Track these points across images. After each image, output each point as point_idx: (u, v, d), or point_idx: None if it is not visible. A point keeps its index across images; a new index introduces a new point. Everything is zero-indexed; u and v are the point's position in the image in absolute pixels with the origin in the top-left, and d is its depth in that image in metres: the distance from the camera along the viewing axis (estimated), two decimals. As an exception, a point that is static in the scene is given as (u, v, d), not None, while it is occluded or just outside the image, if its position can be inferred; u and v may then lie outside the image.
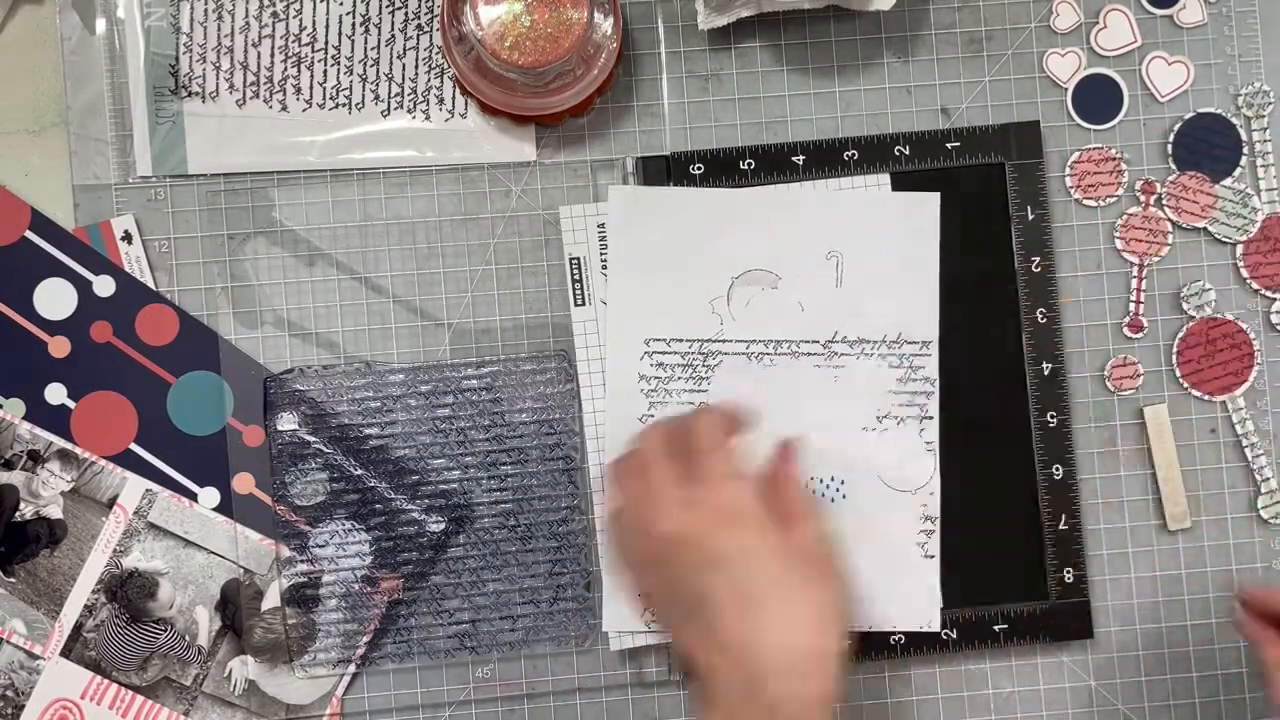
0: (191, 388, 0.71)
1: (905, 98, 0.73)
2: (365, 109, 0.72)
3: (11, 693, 0.70)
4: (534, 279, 0.72)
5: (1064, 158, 0.73)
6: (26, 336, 0.71)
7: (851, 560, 0.69)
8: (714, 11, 0.71)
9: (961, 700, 0.73)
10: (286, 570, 0.70)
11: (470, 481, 0.71)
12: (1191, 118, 0.74)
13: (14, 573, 0.70)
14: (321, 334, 0.72)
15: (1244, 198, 0.73)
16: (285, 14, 0.72)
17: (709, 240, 0.71)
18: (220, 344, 0.71)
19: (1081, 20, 0.74)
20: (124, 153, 0.71)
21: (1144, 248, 0.73)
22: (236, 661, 0.71)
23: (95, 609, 0.70)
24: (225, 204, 0.72)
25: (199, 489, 0.71)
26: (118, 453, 0.71)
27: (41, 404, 0.71)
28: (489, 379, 0.71)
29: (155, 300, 0.71)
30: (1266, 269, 0.73)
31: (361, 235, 0.72)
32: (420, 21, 0.72)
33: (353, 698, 0.71)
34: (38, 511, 0.70)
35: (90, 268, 0.71)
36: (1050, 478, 0.72)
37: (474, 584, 0.71)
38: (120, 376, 0.71)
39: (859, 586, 0.71)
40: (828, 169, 0.72)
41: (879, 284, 0.71)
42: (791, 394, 0.71)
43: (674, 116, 0.73)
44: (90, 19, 0.71)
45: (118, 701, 0.70)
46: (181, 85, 0.71)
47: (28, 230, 0.71)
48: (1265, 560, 0.73)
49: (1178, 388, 0.73)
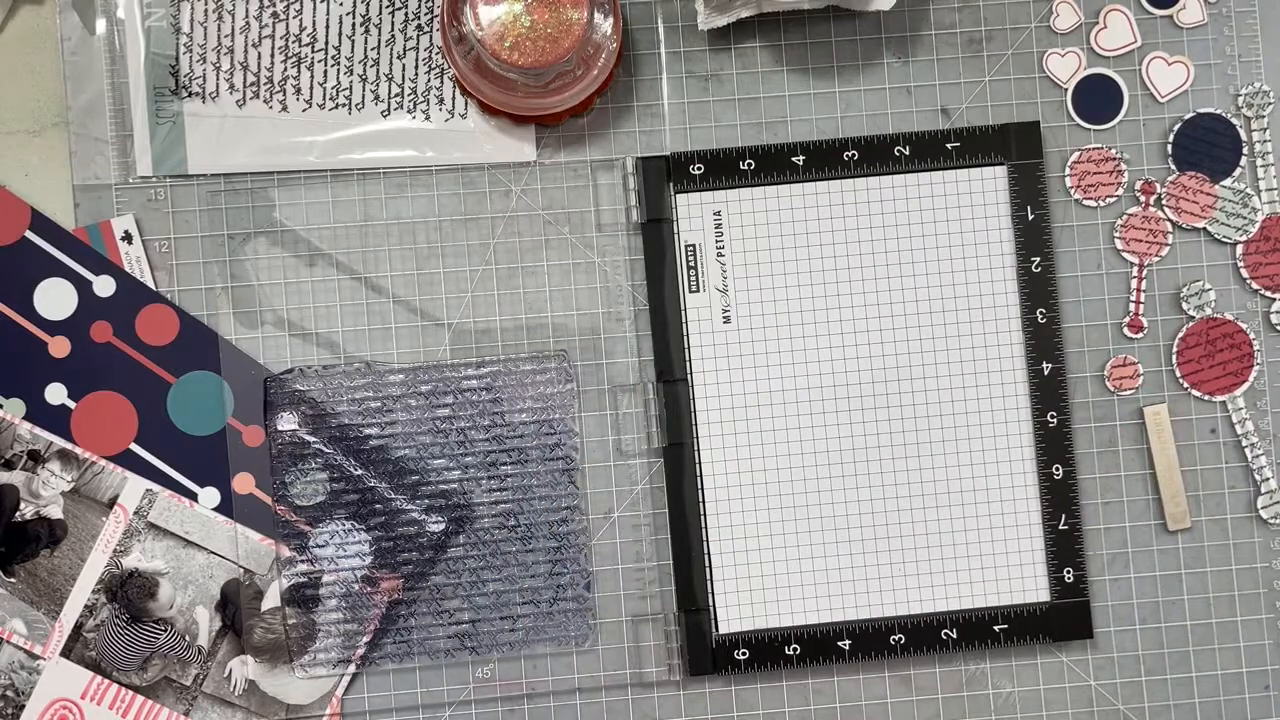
0: (191, 388, 0.71)
1: (905, 98, 0.73)
2: (365, 109, 0.72)
3: (11, 693, 0.70)
4: (534, 279, 0.72)
5: (1064, 158, 0.73)
6: (26, 336, 0.71)
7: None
8: (714, 11, 0.71)
9: (961, 700, 0.73)
10: (286, 570, 0.70)
11: (470, 481, 0.71)
12: (1191, 118, 0.74)
13: (14, 573, 0.70)
14: (321, 334, 0.72)
15: (1244, 198, 0.73)
16: (285, 14, 0.72)
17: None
18: (220, 344, 0.71)
19: (1081, 20, 0.74)
20: (124, 153, 0.71)
21: (1144, 248, 0.73)
22: (236, 661, 0.71)
23: (95, 609, 0.70)
24: (225, 204, 0.72)
25: (199, 489, 0.71)
26: (118, 453, 0.71)
27: (42, 404, 0.71)
28: (489, 379, 0.72)
29: (155, 300, 0.71)
30: (1266, 269, 0.73)
31: (361, 235, 0.72)
32: (420, 21, 0.72)
33: (353, 698, 0.71)
34: (38, 511, 0.70)
35: (90, 268, 0.71)
36: (1050, 478, 0.72)
37: (474, 584, 0.71)
38: (120, 376, 0.71)
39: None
40: (828, 169, 0.72)
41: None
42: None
43: (674, 116, 0.73)
44: (90, 19, 0.71)
45: (118, 701, 0.70)
46: (181, 85, 0.71)
47: (28, 230, 0.71)
48: (1265, 560, 0.73)
49: (1178, 388, 0.74)
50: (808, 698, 0.72)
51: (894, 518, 0.72)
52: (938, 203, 0.72)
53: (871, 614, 0.72)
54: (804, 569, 0.72)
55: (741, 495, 0.72)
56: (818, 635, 0.71)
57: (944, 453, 0.72)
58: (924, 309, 0.72)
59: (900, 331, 0.72)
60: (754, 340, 0.72)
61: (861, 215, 0.72)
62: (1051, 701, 0.73)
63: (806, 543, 0.72)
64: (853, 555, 0.72)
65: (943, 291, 0.72)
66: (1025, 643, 0.72)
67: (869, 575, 0.72)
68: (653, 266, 0.72)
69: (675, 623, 0.72)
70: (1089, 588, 0.72)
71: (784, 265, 0.72)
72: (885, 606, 0.72)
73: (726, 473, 0.72)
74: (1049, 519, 0.72)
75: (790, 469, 0.72)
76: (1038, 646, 0.73)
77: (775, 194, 0.72)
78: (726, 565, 0.72)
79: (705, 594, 0.71)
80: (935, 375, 0.72)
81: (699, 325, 0.72)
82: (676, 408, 0.72)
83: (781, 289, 0.72)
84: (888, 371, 0.72)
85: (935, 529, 0.72)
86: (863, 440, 0.72)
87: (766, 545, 0.72)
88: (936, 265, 0.72)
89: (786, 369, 0.72)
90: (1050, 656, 0.73)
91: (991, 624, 0.72)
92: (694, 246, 0.72)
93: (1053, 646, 0.73)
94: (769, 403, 0.72)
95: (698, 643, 0.71)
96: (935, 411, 0.72)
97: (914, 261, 0.72)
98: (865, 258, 0.72)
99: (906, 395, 0.72)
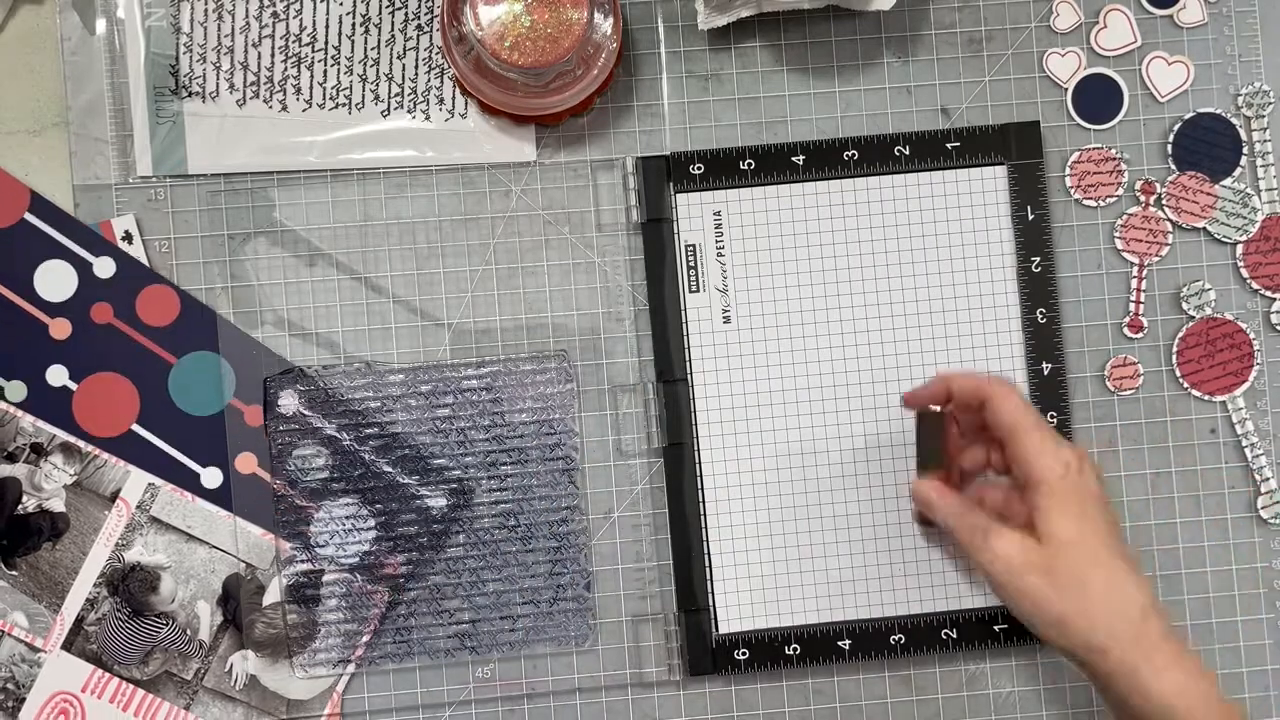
0: (192, 368, 0.71)
1: (905, 98, 0.73)
2: (365, 109, 0.72)
3: (12, 685, 0.70)
4: (534, 279, 0.72)
5: (1064, 158, 0.73)
6: (27, 319, 0.71)
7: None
8: (714, 11, 0.71)
9: (961, 700, 0.73)
10: (286, 570, 0.71)
11: (470, 481, 0.71)
12: (1191, 118, 0.73)
13: (16, 566, 0.70)
14: (321, 334, 0.72)
15: (1244, 198, 0.73)
16: (285, 14, 0.72)
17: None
18: (219, 323, 0.71)
19: (1081, 20, 0.74)
20: (124, 153, 0.72)
21: (1144, 248, 0.73)
22: (237, 656, 0.71)
23: (97, 603, 0.71)
24: (225, 204, 0.72)
25: (201, 469, 0.71)
26: (120, 434, 0.71)
27: (43, 386, 0.71)
28: (489, 379, 0.72)
29: (155, 281, 0.71)
30: (1266, 269, 0.73)
31: (361, 235, 0.72)
32: (420, 21, 0.72)
33: (353, 697, 0.71)
34: (40, 505, 0.71)
35: (90, 249, 0.71)
36: (1050, 478, 0.72)
37: (474, 584, 0.71)
38: (121, 357, 0.71)
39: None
40: (828, 169, 0.72)
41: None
42: None
43: (674, 116, 0.73)
44: (90, 19, 0.71)
45: (119, 695, 0.71)
46: (181, 85, 0.71)
47: (27, 213, 0.71)
48: (1265, 560, 0.73)
49: (1178, 388, 0.73)
50: (808, 698, 0.72)
51: (894, 518, 0.72)
52: (938, 203, 0.72)
53: (871, 614, 0.72)
54: (804, 569, 0.72)
55: (741, 495, 0.72)
56: (818, 635, 0.71)
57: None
58: (924, 309, 0.72)
59: (900, 331, 0.72)
60: (754, 340, 0.72)
61: (861, 215, 0.72)
62: (1051, 701, 0.73)
63: (806, 543, 0.72)
64: (853, 555, 0.72)
65: (943, 291, 0.72)
66: (1025, 643, 0.72)
67: (869, 575, 0.72)
68: (653, 266, 0.72)
69: (675, 623, 0.72)
70: (1089, 588, 0.72)
71: (784, 265, 0.72)
72: (885, 606, 0.72)
73: (726, 473, 0.72)
74: (1049, 519, 0.72)
75: (790, 469, 0.72)
76: (1038, 646, 0.73)
77: (775, 194, 0.72)
78: (726, 565, 0.72)
79: (705, 594, 0.71)
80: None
81: (699, 325, 0.72)
82: (676, 408, 0.72)
83: (781, 289, 0.72)
84: (888, 371, 0.72)
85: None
86: (862, 440, 0.72)
87: (766, 545, 0.72)
88: (936, 265, 0.72)
89: (786, 369, 0.72)
90: (1050, 656, 0.73)
91: (991, 624, 0.72)
92: (694, 246, 0.72)
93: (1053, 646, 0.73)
94: (769, 403, 0.72)
95: (698, 643, 0.71)
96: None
97: (914, 261, 0.72)
98: (865, 258, 0.72)
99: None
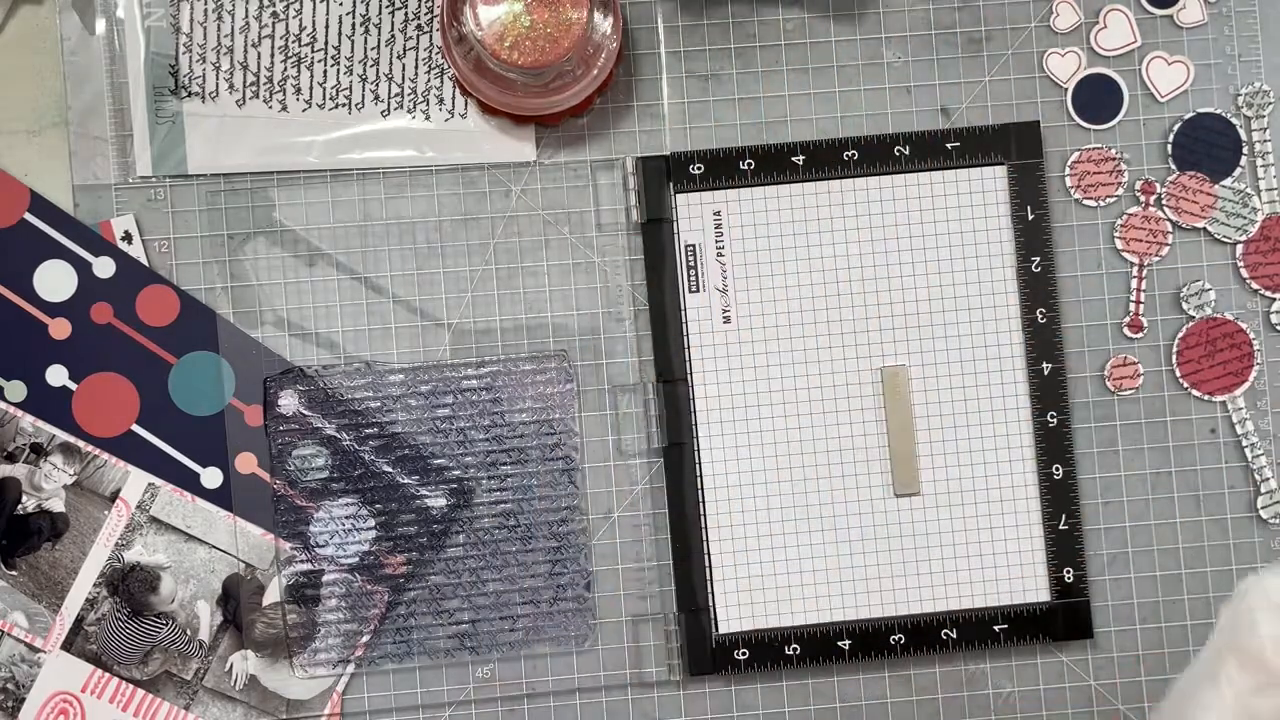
0: (193, 368, 0.71)
1: (905, 98, 0.73)
2: (365, 109, 0.72)
3: (12, 685, 0.70)
4: (534, 279, 0.72)
5: (1064, 158, 0.73)
6: (27, 319, 0.71)
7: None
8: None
9: (961, 700, 0.73)
10: (287, 568, 0.71)
11: (470, 481, 0.71)
12: (1191, 118, 0.73)
13: (15, 566, 0.70)
14: (321, 334, 0.72)
15: (1244, 198, 0.73)
16: (285, 14, 0.72)
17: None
18: (219, 323, 0.71)
19: (1081, 20, 0.74)
20: (124, 153, 0.72)
21: (1144, 248, 0.73)
22: (237, 656, 0.71)
23: (97, 603, 0.71)
24: (225, 204, 0.72)
25: (201, 469, 0.71)
26: (119, 434, 0.71)
27: (43, 386, 0.71)
28: (489, 379, 0.72)
29: (155, 281, 0.71)
30: (1266, 269, 0.73)
31: (361, 235, 0.72)
32: (420, 21, 0.72)
33: (353, 697, 0.71)
34: (40, 505, 0.71)
35: (90, 249, 0.71)
36: (1050, 478, 0.72)
37: (474, 584, 0.71)
38: (121, 358, 0.71)
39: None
40: (828, 169, 0.72)
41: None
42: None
43: (674, 116, 0.73)
44: (90, 19, 0.71)
45: (118, 695, 0.71)
46: (181, 85, 0.71)
47: (27, 212, 0.71)
48: (1265, 560, 0.73)
49: (1178, 388, 0.73)
50: (808, 698, 0.72)
51: (894, 518, 0.72)
52: (938, 203, 0.72)
53: (871, 614, 0.72)
54: (804, 569, 0.72)
55: (741, 495, 0.72)
56: (818, 635, 0.71)
57: (944, 452, 0.72)
58: (924, 309, 0.72)
59: (900, 331, 0.72)
60: (754, 340, 0.72)
61: (861, 215, 0.72)
62: (1051, 701, 0.73)
63: (806, 543, 0.72)
64: (853, 555, 0.72)
65: (943, 292, 0.72)
66: (1025, 643, 0.72)
67: (869, 575, 0.72)
68: (653, 266, 0.72)
69: (675, 623, 0.72)
70: (1089, 588, 0.72)
71: (784, 265, 0.72)
72: (885, 606, 0.72)
73: (726, 473, 0.72)
74: (1049, 519, 0.72)
75: (790, 469, 0.72)
76: (1038, 646, 0.73)
77: (775, 194, 0.72)
78: (726, 565, 0.72)
79: (705, 594, 0.71)
80: (935, 375, 0.72)
81: (699, 325, 0.72)
82: (676, 408, 0.72)
83: (781, 289, 0.72)
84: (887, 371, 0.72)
85: (935, 529, 0.72)
86: (863, 440, 0.72)
87: (766, 545, 0.72)
88: (936, 265, 0.72)
89: (786, 369, 0.72)
90: (1050, 656, 0.73)
91: (991, 624, 0.72)
92: (694, 246, 0.72)
93: (1053, 646, 0.73)
94: (769, 403, 0.72)
95: (698, 643, 0.71)
96: (935, 411, 0.72)
97: (914, 262, 0.72)
98: (865, 258, 0.72)
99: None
